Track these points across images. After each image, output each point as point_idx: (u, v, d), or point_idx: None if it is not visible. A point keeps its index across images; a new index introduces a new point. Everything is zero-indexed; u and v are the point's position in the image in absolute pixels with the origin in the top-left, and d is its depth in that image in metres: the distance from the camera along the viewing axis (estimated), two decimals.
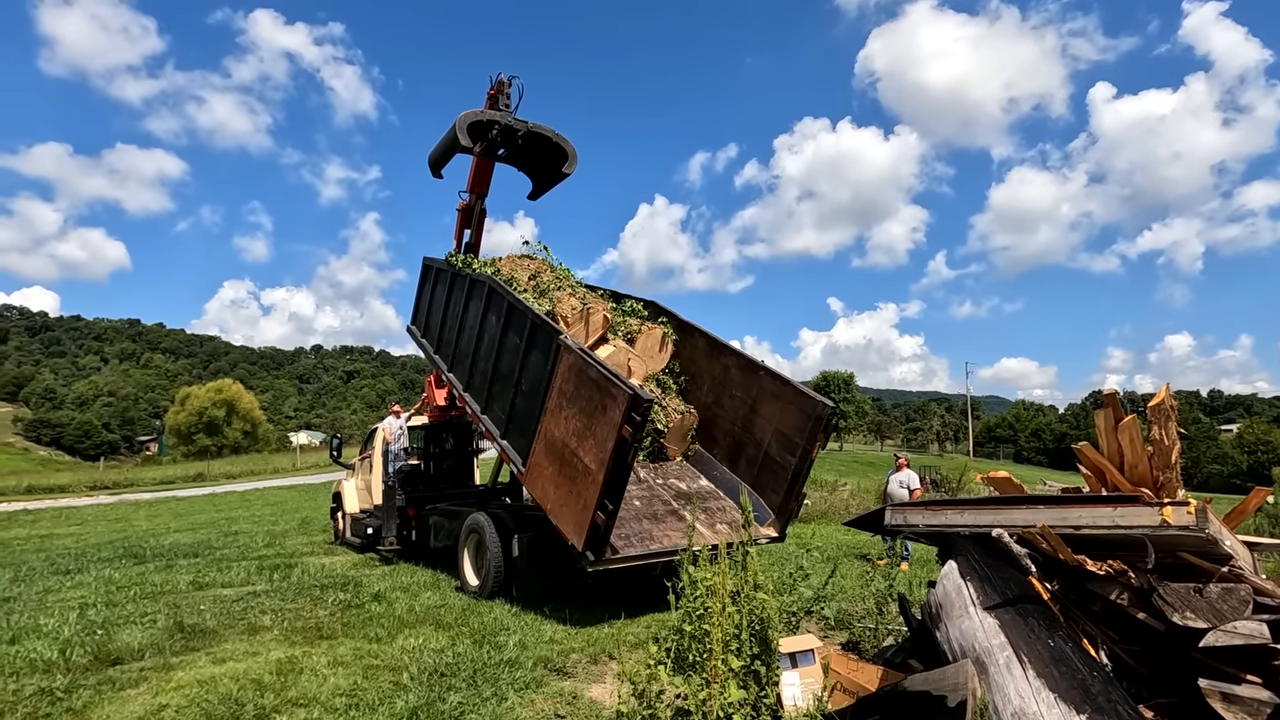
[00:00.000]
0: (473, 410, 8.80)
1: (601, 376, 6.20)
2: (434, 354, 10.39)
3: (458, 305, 9.45)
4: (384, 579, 9.12)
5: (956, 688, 2.89)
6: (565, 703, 4.76)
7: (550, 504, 6.92)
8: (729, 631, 3.65)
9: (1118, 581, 3.40)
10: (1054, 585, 3.65)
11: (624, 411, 5.88)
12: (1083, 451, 4.32)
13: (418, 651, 5.78)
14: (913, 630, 5.01)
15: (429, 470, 12.18)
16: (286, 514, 19.92)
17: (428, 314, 10.93)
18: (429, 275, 10.90)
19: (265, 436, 73.12)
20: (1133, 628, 3.40)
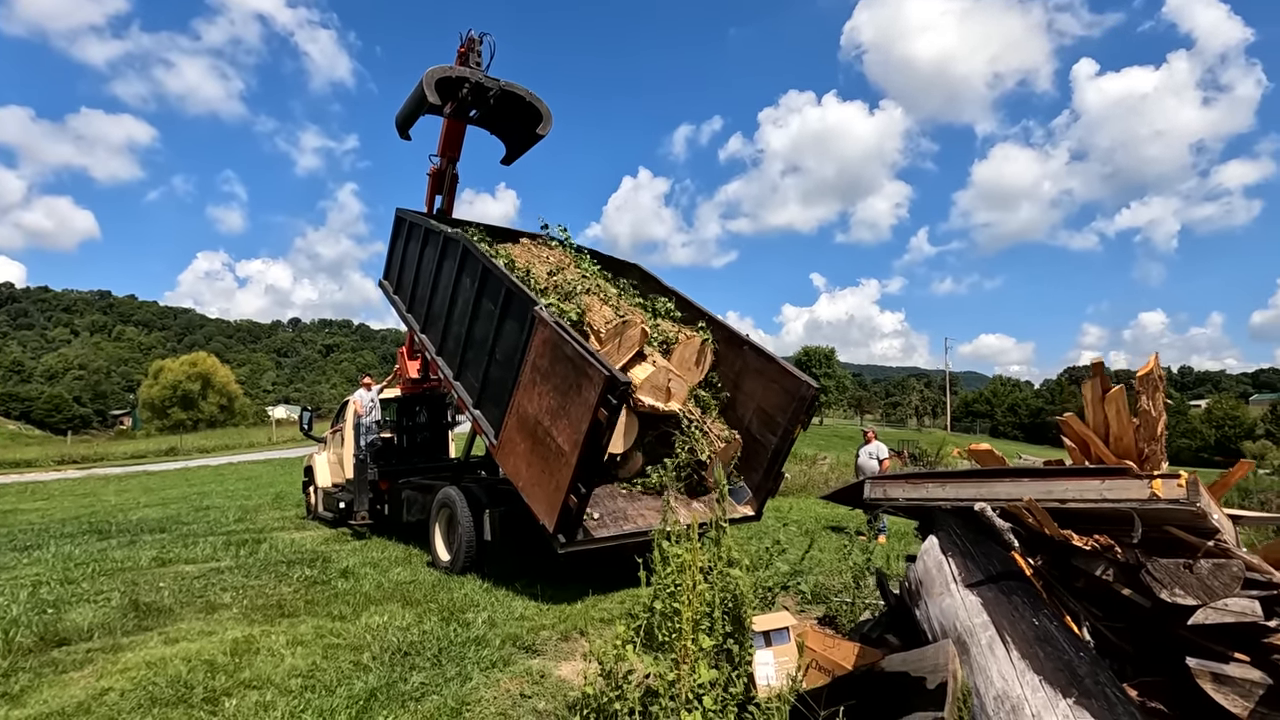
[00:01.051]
0: (445, 376, 8.49)
1: (577, 354, 5.95)
2: (406, 313, 9.93)
3: (431, 263, 8.99)
4: (354, 554, 8.91)
5: (936, 669, 2.74)
6: (532, 682, 4.60)
7: (522, 481, 6.70)
8: (700, 610, 3.48)
9: (1103, 557, 3.26)
10: (1037, 561, 3.51)
11: (599, 393, 5.64)
12: (1068, 423, 4.17)
13: (382, 629, 5.58)
14: (889, 605, 4.89)
15: (402, 443, 11.93)
16: (260, 488, 19.57)
17: (400, 270, 10.42)
18: (402, 229, 10.36)
19: (242, 410, 72.05)
20: (1117, 605, 3.27)
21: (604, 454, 6.03)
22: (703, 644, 3.43)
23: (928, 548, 3.48)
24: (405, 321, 10.00)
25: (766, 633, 3.69)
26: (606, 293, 8.04)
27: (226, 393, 69.51)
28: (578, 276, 8.16)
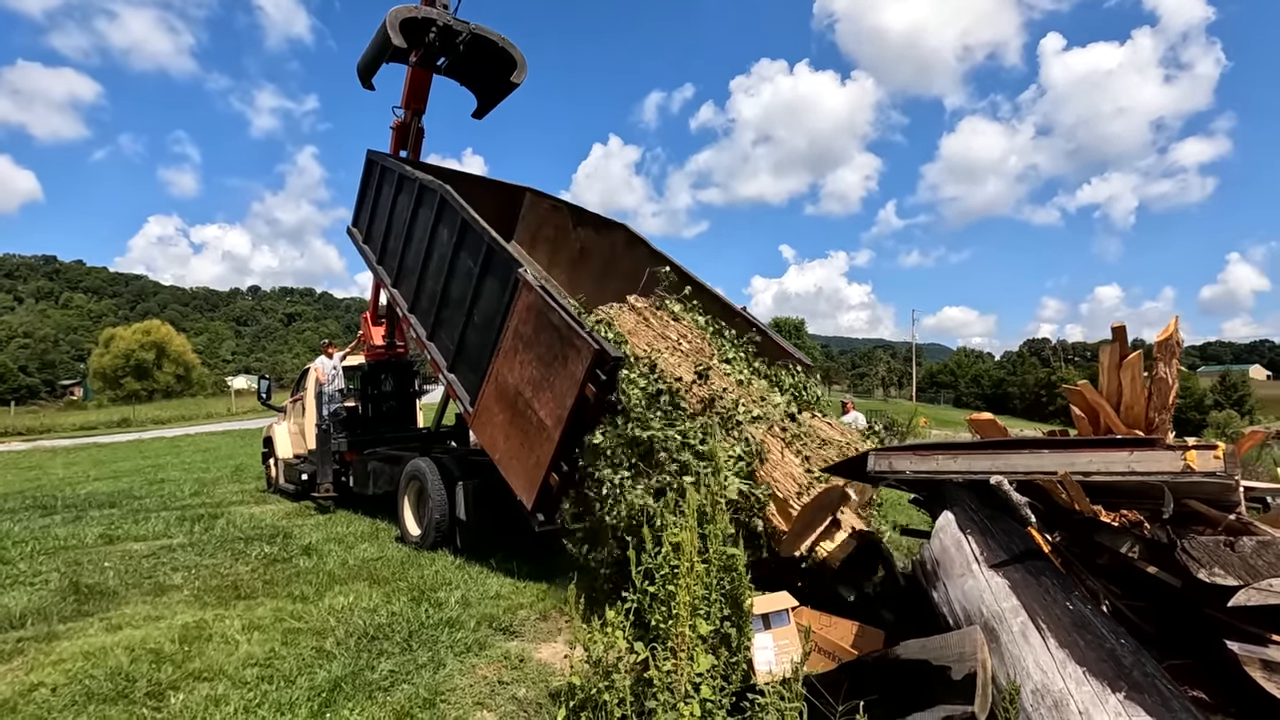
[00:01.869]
0: (417, 335, 7.97)
1: (564, 323, 5.52)
2: (376, 264, 9.27)
3: (405, 211, 8.34)
4: (317, 530, 8.48)
5: (962, 658, 2.49)
6: (511, 667, 4.30)
7: (499, 454, 6.32)
8: (697, 593, 3.20)
9: (1130, 533, 3.05)
10: (1055, 538, 3.30)
11: (587, 367, 5.24)
12: (1081, 391, 3.96)
13: (347, 611, 5.22)
14: (889, 575, 4.69)
15: (367, 413, 11.43)
16: (219, 461, 18.83)
17: (371, 218, 9.71)
18: (373, 172, 9.61)
19: (200, 381, 69.84)
20: (1139, 583, 3.07)
21: (590, 431, 5.67)
22: (701, 630, 3.16)
23: (943, 525, 3.23)
24: (375, 274, 9.33)
25: (765, 615, 3.43)
26: (773, 404, 5.48)
27: (183, 362, 67.25)
28: (722, 374, 5.64)
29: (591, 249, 9.03)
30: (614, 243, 8.62)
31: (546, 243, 9.85)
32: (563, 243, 9.54)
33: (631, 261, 8.34)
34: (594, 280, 8.85)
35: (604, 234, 8.80)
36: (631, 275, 8.32)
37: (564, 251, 9.50)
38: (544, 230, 9.91)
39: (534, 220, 10.08)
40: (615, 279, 8.58)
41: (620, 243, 8.54)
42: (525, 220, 10.19)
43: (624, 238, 8.50)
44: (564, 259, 9.47)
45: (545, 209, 9.89)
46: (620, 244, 8.54)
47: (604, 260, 8.79)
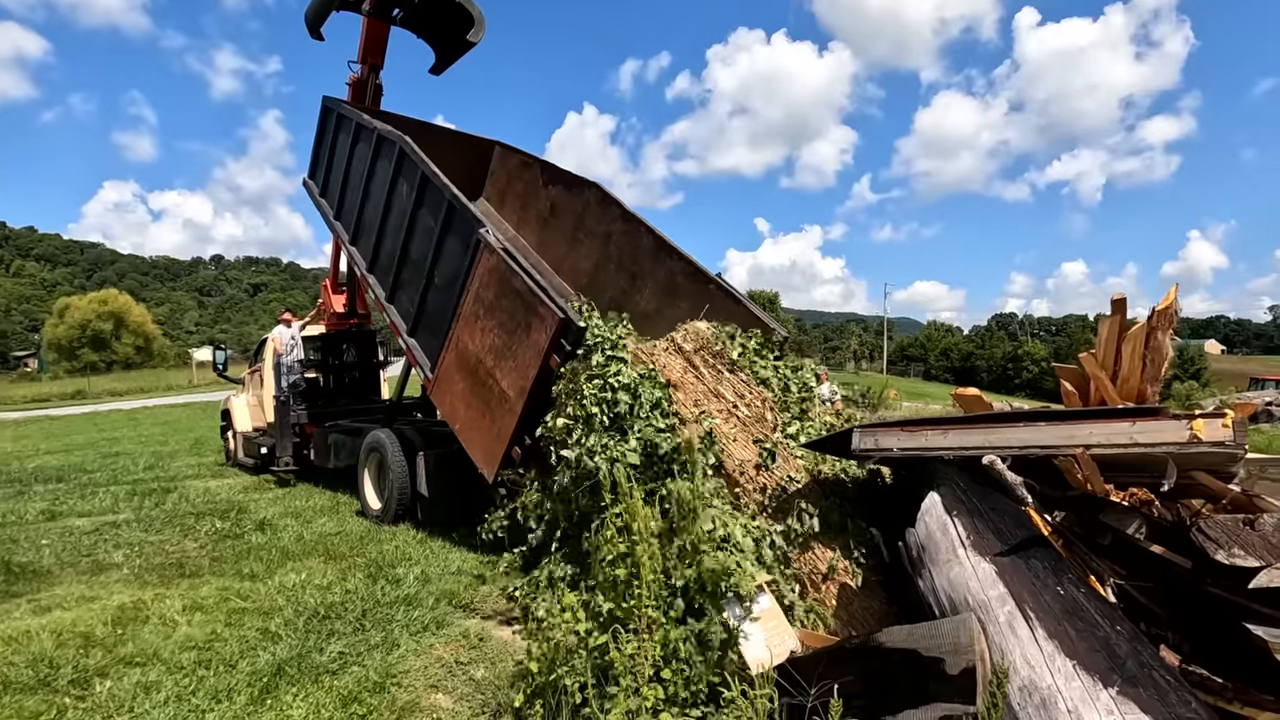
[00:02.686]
0: (376, 296, 7.60)
1: (528, 289, 5.21)
2: (334, 219, 8.79)
3: (363, 163, 7.86)
4: (275, 504, 8.15)
5: (958, 649, 2.31)
6: (469, 646, 4.09)
7: (459, 424, 6.05)
8: (656, 577, 2.99)
9: (1138, 512, 2.90)
10: (1055, 518, 3.14)
11: (552, 336, 4.95)
12: (1084, 361, 3.79)
13: (298, 589, 4.96)
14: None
15: (327, 384, 11.05)
16: (178, 433, 18.22)
17: (328, 169, 9.16)
18: (329, 121, 9.03)
19: (161, 352, 67.76)
20: (1145, 564, 2.93)
21: (553, 403, 5.35)
22: (664, 615, 2.96)
23: (929, 507, 3.05)
24: (332, 230, 8.85)
25: (741, 596, 3.24)
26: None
27: (143, 333, 65.15)
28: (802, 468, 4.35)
29: (562, 207, 8.62)
30: (586, 201, 8.25)
31: (516, 200, 9.37)
32: (532, 200, 9.08)
33: (604, 222, 8.01)
34: (565, 240, 8.50)
35: (575, 192, 8.42)
36: (604, 236, 7.99)
37: (534, 209, 9.04)
38: (513, 187, 9.43)
39: (503, 176, 9.59)
40: (587, 239, 8.24)
41: (593, 202, 8.17)
42: (494, 176, 9.68)
43: (596, 196, 8.14)
44: (533, 217, 9.03)
45: (514, 165, 9.41)
46: (593, 203, 8.17)
47: (575, 219, 8.41)
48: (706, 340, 5.14)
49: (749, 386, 4.87)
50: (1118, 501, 3.06)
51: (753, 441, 4.41)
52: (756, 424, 4.56)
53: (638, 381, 4.42)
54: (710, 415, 4.46)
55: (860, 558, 3.82)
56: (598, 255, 8.06)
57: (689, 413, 4.50)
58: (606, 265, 7.92)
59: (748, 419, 4.57)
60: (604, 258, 7.97)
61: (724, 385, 4.80)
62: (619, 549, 3.09)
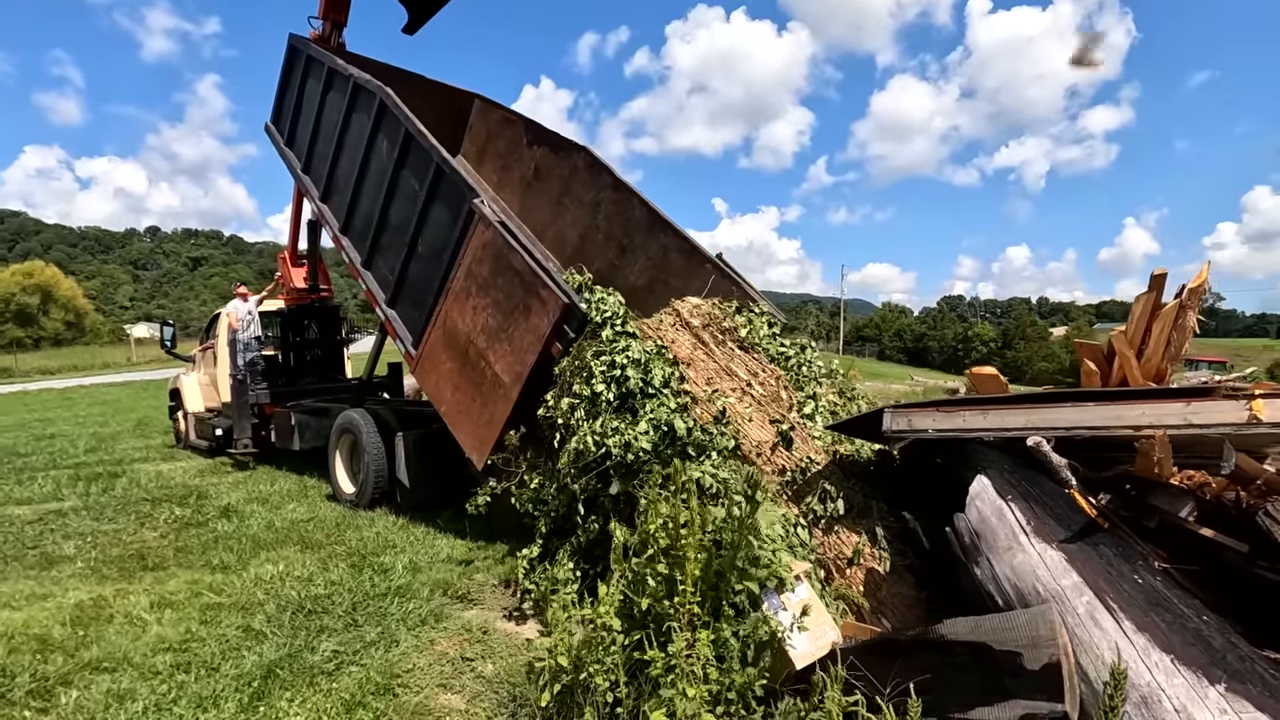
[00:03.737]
0: (350, 260, 7.07)
1: (527, 269, 4.86)
2: (301, 174, 8.08)
3: (335, 113, 7.24)
4: (236, 488, 7.67)
5: (1036, 643, 2.17)
6: (473, 640, 3.84)
7: (446, 406, 5.71)
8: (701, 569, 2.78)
9: (1191, 495, 2.81)
10: (1099, 500, 3.04)
11: (554, 322, 4.63)
12: (1115, 340, 3.71)
13: (277, 582, 4.61)
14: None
15: (288, 361, 10.48)
16: (119, 414, 17.20)
17: (294, 117, 8.38)
18: (297, 61, 8.22)
19: (94, 328, 64.22)
20: (1186, 547, 2.85)
21: (550, 388, 5.05)
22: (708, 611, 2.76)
23: (979, 491, 2.91)
24: (299, 183, 8.20)
25: (779, 587, 3.07)
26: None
27: (73, 308, 61.60)
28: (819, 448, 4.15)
29: (548, 171, 8.12)
30: (574, 166, 7.83)
31: (497, 159, 8.78)
32: (515, 160, 8.52)
33: (592, 189, 7.62)
34: (550, 206, 8.05)
35: (563, 156, 7.96)
36: (592, 205, 7.63)
37: (516, 170, 8.50)
38: (494, 145, 8.83)
39: (483, 132, 8.98)
40: (574, 206, 7.84)
41: (581, 167, 7.74)
42: (473, 131, 9.04)
43: (585, 161, 7.71)
44: (515, 179, 8.49)
45: (496, 121, 8.80)
46: (581, 168, 7.75)
47: (561, 183, 7.97)
48: (714, 316, 4.93)
49: (762, 364, 4.68)
50: (1164, 483, 2.98)
51: (769, 422, 4.24)
52: (772, 403, 4.38)
53: (649, 357, 4.18)
54: (724, 394, 4.27)
55: (886, 542, 3.70)
56: (585, 224, 7.69)
57: (701, 391, 4.29)
58: (594, 235, 7.57)
59: (762, 398, 4.39)
60: (592, 227, 7.62)
61: (736, 363, 4.60)
62: (661, 542, 2.87)
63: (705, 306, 5.26)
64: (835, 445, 4.26)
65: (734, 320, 4.98)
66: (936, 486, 3.96)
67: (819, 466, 4.03)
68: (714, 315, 4.95)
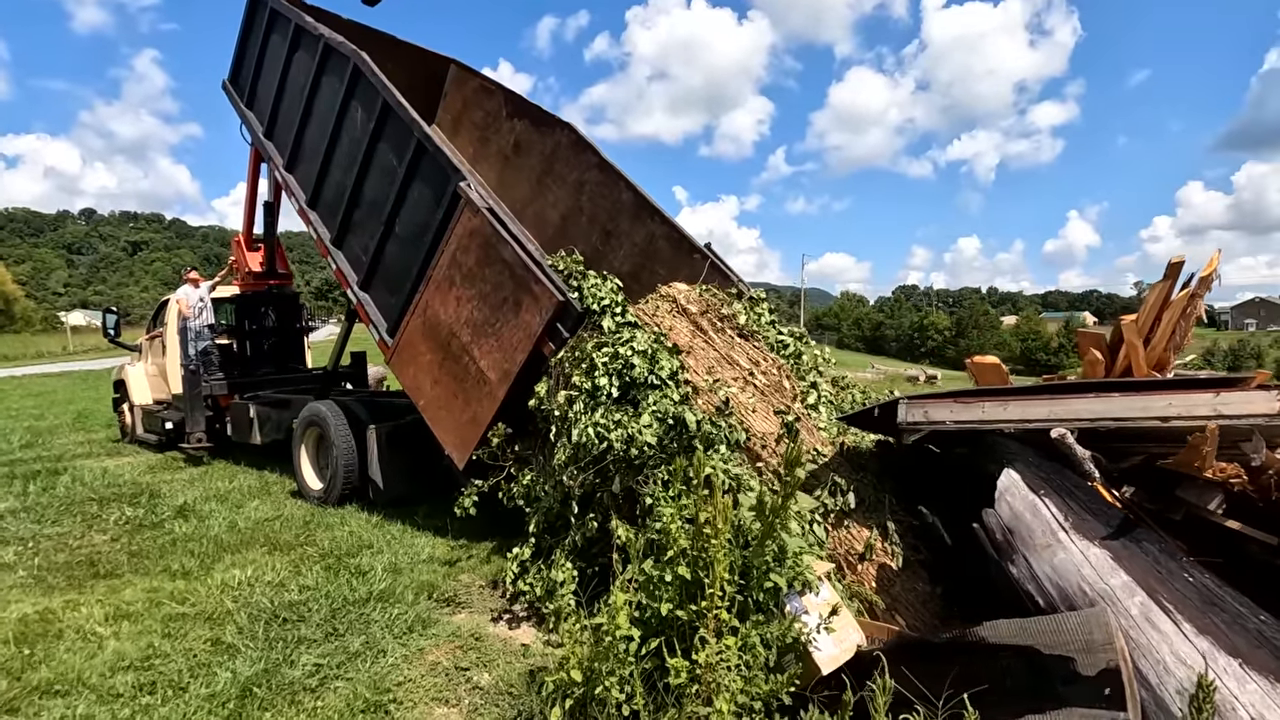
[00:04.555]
0: (319, 237, 6.63)
1: (519, 262, 4.57)
2: (263, 138, 7.52)
3: (303, 75, 6.72)
4: (192, 486, 7.21)
5: (1091, 647, 2.06)
6: (467, 648, 3.61)
7: (424, 401, 5.40)
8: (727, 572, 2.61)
9: (1220, 487, 2.75)
10: (1123, 493, 2.97)
11: (547, 321, 4.37)
12: (1126, 328, 3.65)
13: (246, 588, 4.28)
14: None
15: (244, 351, 9.95)
16: (56, 406, 16.20)
17: (255, 74, 7.74)
18: (259, 14, 7.60)
19: (25, 315, 60.77)
20: (1209, 539, 2.80)
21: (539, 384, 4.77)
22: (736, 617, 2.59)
23: (1008, 486, 2.80)
24: (261, 150, 7.65)
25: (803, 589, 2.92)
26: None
27: (1, 294, 58.17)
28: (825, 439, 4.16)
29: (529, 146, 7.71)
30: (557, 143, 7.45)
31: (474, 129, 8.27)
32: (493, 133, 8.05)
33: (576, 169, 7.28)
34: (531, 184, 7.64)
35: (545, 131, 7.56)
36: (575, 185, 7.32)
37: (494, 144, 8.03)
38: (470, 115, 8.32)
39: (458, 101, 8.43)
40: (556, 185, 7.50)
41: (564, 144, 7.38)
42: (448, 99, 8.48)
43: (569, 139, 7.35)
44: (494, 153, 8.03)
45: (473, 90, 8.27)
46: (565, 145, 7.38)
47: (543, 160, 7.58)
48: (711, 302, 4.75)
49: (763, 353, 4.53)
50: (1191, 475, 2.92)
51: (773, 412, 4.09)
52: (775, 393, 4.24)
53: (655, 348, 3.98)
54: (726, 383, 4.10)
55: (897, 536, 3.59)
56: (568, 205, 7.37)
57: (702, 381, 4.12)
58: (577, 218, 7.27)
59: (765, 388, 4.24)
60: (575, 209, 7.31)
61: (737, 351, 4.44)
62: (681, 543, 2.69)
63: (696, 292, 5.08)
64: (840, 436, 4.15)
65: (732, 307, 4.80)
66: (943, 477, 3.87)
67: (826, 458, 3.91)
68: (711, 302, 4.78)
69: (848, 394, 5.36)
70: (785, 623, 2.63)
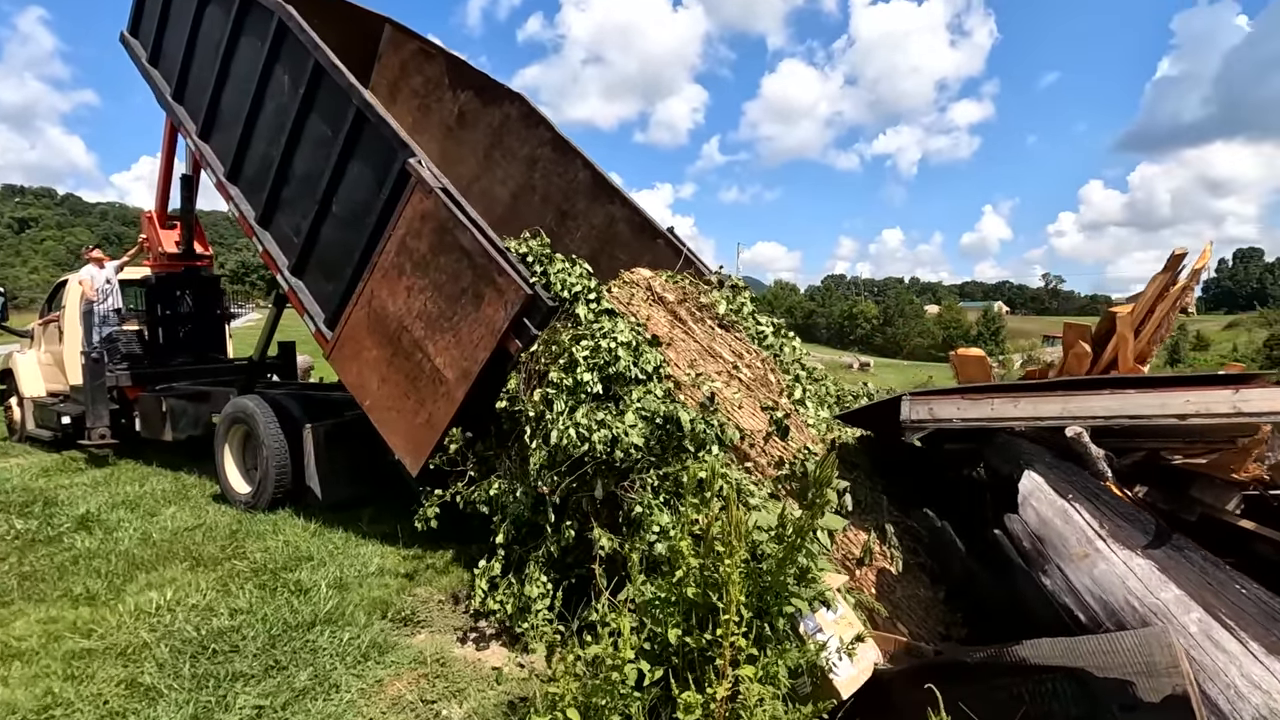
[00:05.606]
0: (241, 214, 5.91)
1: (480, 250, 4.09)
2: (172, 101, 6.65)
3: (217, 31, 5.94)
4: (95, 491, 6.43)
5: (1152, 670, 1.90)
6: (433, 676, 3.22)
7: (371, 401, 4.88)
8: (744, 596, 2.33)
9: (1238, 487, 2.66)
10: (1135, 492, 2.86)
11: (513, 316, 3.93)
12: (1120, 320, 3.56)
13: (166, 614, 3.74)
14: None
15: (155, 338, 9.04)
16: None
17: (160, 25, 6.80)
18: None
19: None
20: (1225, 538, 2.72)
21: (504, 385, 4.35)
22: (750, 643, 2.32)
23: (1032, 490, 2.63)
24: (170, 114, 6.76)
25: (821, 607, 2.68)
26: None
27: None
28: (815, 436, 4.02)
29: (475, 118, 7.16)
30: (506, 115, 6.92)
31: (413, 97, 7.59)
32: (435, 101, 7.43)
33: (528, 144, 6.80)
34: (477, 158, 7.09)
35: (493, 103, 7.03)
36: (527, 161, 6.86)
37: (436, 114, 7.42)
38: (409, 81, 7.63)
39: (394, 64, 7.70)
40: (505, 161, 6.99)
41: (515, 117, 6.89)
42: (383, 63, 7.72)
43: (520, 111, 6.85)
44: (436, 123, 7.42)
45: (411, 54, 7.57)
46: (514, 118, 6.88)
47: (490, 134, 7.05)
48: (689, 291, 4.45)
49: (745, 345, 4.27)
50: (1207, 475, 2.84)
51: (761, 408, 3.84)
52: (761, 388, 3.99)
53: (640, 339, 3.65)
54: (709, 377, 3.82)
55: (895, 539, 3.42)
56: (519, 182, 6.89)
57: (684, 375, 3.82)
58: (530, 196, 6.81)
59: (751, 382, 3.98)
60: (526, 186, 6.84)
61: (719, 343, 4.16)
62: (690, 561, 2.40)
63: (664, 278, 4.77)
64: (830, 433, 3.95)
65: (711, 295, 4.52)
66: (934, 475, 3.73)
67: (818, 457, 3.70)
68: (689, 290, 4.48)
69: (820, 386, 5.19)
70: (806, 647, 2.39)
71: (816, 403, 4.28)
